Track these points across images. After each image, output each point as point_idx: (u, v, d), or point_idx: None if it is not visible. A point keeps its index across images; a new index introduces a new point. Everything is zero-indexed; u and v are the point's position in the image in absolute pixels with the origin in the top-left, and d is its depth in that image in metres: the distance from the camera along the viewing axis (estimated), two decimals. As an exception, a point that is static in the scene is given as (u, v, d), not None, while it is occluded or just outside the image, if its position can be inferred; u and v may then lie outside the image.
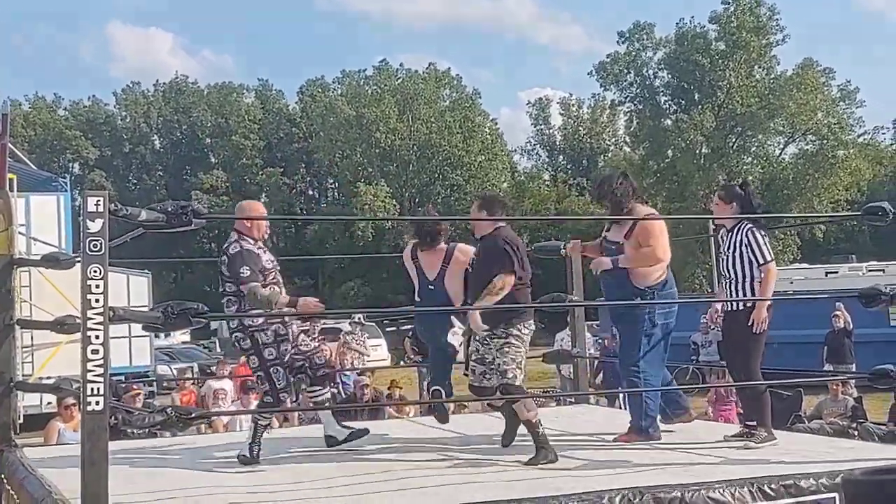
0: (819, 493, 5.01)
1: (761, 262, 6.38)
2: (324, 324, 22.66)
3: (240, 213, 6.67)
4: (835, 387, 14.01)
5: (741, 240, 6.46)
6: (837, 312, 18.29)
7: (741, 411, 14.07)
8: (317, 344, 7.07)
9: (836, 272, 26.89)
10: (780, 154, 55.82)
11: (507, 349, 6.34)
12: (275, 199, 64.10)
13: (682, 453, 6.24)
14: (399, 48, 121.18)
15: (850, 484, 3.51)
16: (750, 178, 54.26)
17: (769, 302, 6.41)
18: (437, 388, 6.84)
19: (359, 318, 18.53)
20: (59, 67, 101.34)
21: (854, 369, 17.74)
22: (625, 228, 6.65)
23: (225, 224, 68.48)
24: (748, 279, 6.43)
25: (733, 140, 54.11)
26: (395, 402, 7.22)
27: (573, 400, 9.75)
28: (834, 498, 4.97)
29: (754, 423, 6.45)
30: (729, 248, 6.52)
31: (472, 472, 5.80)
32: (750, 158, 55.31)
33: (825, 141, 52.13)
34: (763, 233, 6.50)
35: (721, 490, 4.91)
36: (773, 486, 4.99)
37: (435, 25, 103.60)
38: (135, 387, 12.96)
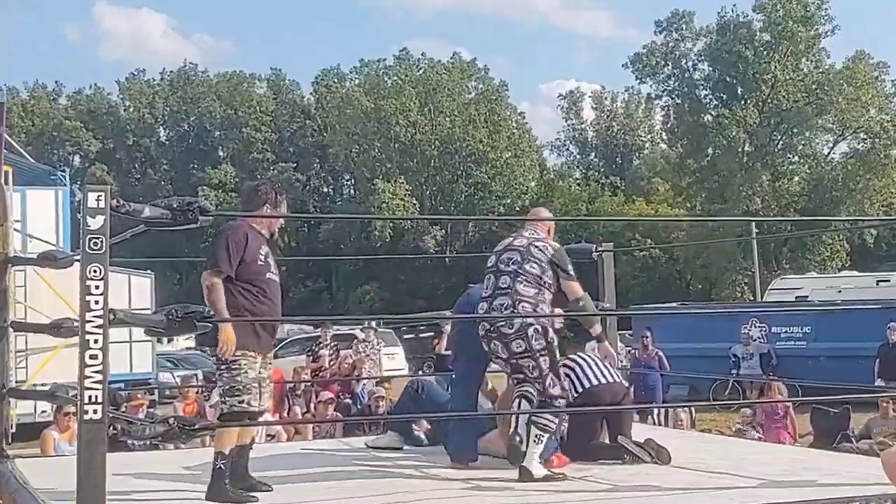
0: (869, 518, 4.96)
1: None
2: (337, 329, 22.69)
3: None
4: (885, 404, 13.89)
5: None
6: (893, 324, 18.12)
7: (790, 432, 14.03)
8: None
9: (889, 280, 26.68)
10: (829, 153, 55.60)
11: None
12: (287, 196, 64.28)
13: (722, 475, 6.20)
14: (405, 34, 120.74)
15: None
16: (796, 178, 54.11)
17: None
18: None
19: (372, 324, 18.56)
20: (49, 52, 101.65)
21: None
22: None
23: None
24: None
25: (778, 137, 53.88)
26: (412, 416, 7.19)
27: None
28: (885, 524, 4.92)
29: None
30: None
31: (496, 492, 5.79)
32: (796, 157, 55.08)
33: (878, 139, 51.78)
34: None
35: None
36: (819, 510, 4.94)
37: (444, 12, 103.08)
38: (139, 395, 13.00)
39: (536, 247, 6.54)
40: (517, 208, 59.68)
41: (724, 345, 21.46)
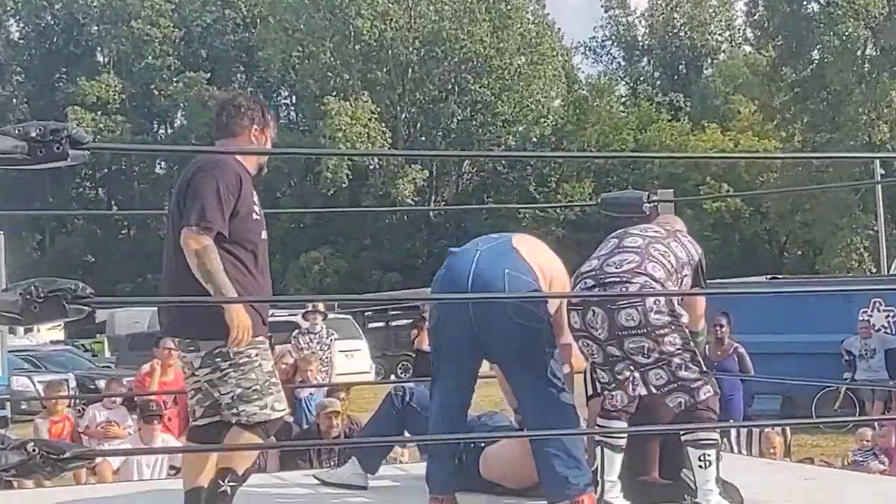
0: None
1: None
2: (273, 315, 22.71)
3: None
4: None
5: None
6: None
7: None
8: None
9: None
10: None
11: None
12: (198, 121, 64.05)
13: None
14: None
15: None
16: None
17: None
18: None
19: (318, 306, 18.56)
20: None
21: None
22: None
23: (119, 159, 67.67)
24: None
25: (916, 35, 53.89)
26: (378, 442, 7.14)
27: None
28: None
29: None
30: None
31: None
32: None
33: None
34: None
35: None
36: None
37: None
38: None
39: (685, 235, 6.66)
40: (534, 139, 59.60)
41: (833, 337, 21.52)
